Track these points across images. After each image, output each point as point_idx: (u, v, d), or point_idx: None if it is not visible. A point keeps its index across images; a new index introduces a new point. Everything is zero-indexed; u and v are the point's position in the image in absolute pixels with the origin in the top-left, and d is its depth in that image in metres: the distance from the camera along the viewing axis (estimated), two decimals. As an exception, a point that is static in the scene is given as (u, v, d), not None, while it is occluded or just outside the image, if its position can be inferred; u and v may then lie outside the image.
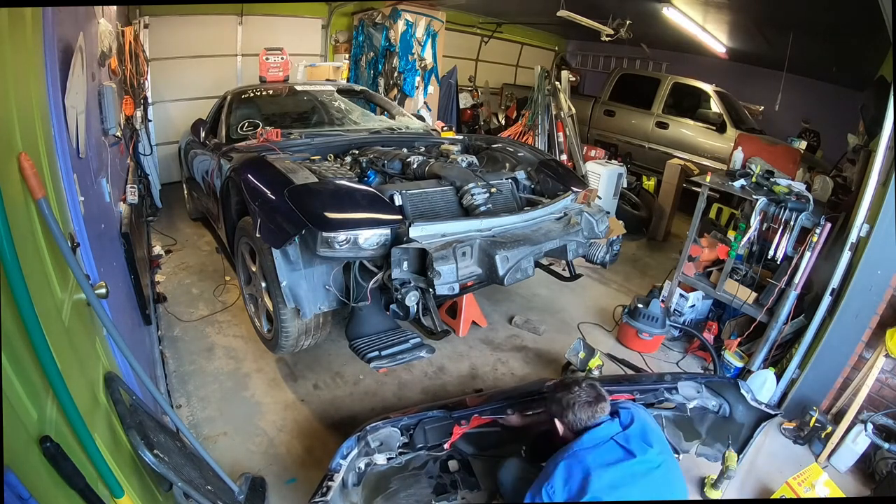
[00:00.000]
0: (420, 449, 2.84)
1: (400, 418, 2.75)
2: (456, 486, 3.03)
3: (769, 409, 3.01)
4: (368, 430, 2.64)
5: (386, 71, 8.44)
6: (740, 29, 7.59)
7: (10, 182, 1.35)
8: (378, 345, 3.41)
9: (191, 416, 3.45)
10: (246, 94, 5.53)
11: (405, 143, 4.78)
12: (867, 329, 3.46)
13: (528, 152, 4.67)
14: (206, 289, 5.08)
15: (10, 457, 1.12)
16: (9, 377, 1.21)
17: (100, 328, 2.08)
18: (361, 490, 2.73)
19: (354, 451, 2.55)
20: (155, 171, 7.11)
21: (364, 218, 3.16)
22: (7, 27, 1.50)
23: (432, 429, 2.81)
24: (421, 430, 2.77)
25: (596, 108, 10.11)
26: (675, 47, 9.75)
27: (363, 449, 2.62)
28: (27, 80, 1.72)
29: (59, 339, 1.54)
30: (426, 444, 2.81)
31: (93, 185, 2.74)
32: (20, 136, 1.52)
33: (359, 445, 2.58)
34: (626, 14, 7.83)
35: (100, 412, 1.82)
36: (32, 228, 1.54)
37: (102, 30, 3.72)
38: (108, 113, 3.42)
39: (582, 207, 3.92)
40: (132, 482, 1.87)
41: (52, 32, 2.08)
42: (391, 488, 2.91)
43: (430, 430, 2.81)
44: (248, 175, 3.62)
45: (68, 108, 2.26)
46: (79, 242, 2.02)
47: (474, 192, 3.66)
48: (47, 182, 1.73)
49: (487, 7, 9.96)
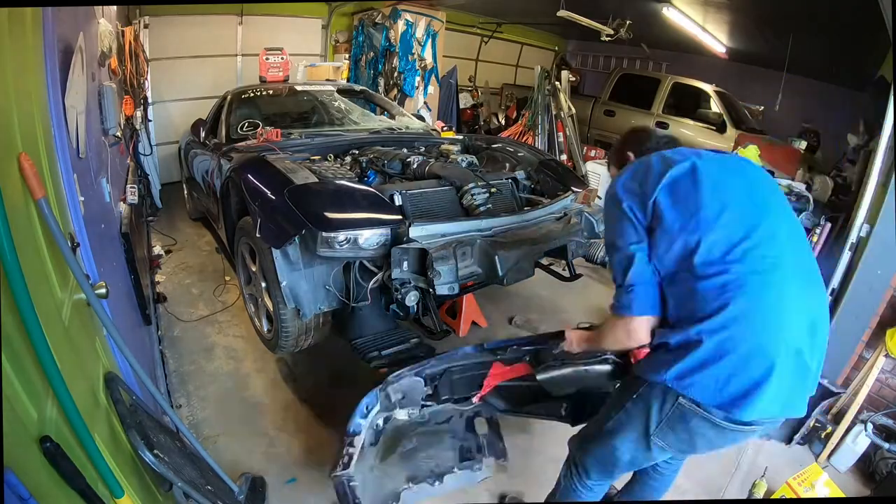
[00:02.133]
0: (445, 401, 2.70)
1: (424, 365, 2.58)
2: (481, 451, 2.79)
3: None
4: (390, 381, 2.49)
5: (386, 71, 8.44)
6: (740, 29, 7.59)
7: (10, 182, 1.35)
8: (378, 344, 3.42)
9: (191, 416, 3.45)
10: (246, 94, 5.52)
11: (405, 143, 4.78)
12: (867, 329, 3.46)
13: (528, 152, 4.67)
14: (206, 289, 5.07)
15: (10, 457, 1.12)
16: (9, 377, 1.21)
17: (100, 328, 2.08)
18: (378, 448, 2.61)
19: (376, 407, 2.43)
20: (155, 171, 7.10)
21: (364, 218, 3.16)
22: (7, 27, 1.50)
23: (460, 379, 2.67)
24: (447, 381, 2.62)
25: (596, 108, 10.12)
26: (675, 47, 9.73)
27: (384, 403, 2.48)
28: (27, 80, 1.73)
29: (59, 339, 1.54)
30: (452, 397, 2.68)
31: (93, 185, 2.74)
32: (20, 137, 1.52)
33: (380, 399, 2.43)
34: (625, 14, 7.83)
35: (100, 412, 1.82)
36: (32, 228, 1.54)
37: (102, 30, 3.73)
38: (109, 113, 3.42)
39: (582, 207, 3.92)
40: (132, 482, 1.86)
41: (52, 32, 2.08)
42: (410, 446, 2.69)
43: (457, 381, 2.66)
44: (248, 175, 3.62)
45: (68, 108, 2.26)
46: (79, 242, 2.02)
47: (474, 192, 3.66)
48: (47, 182, 1.73)
49: (487, 7, 9.94)
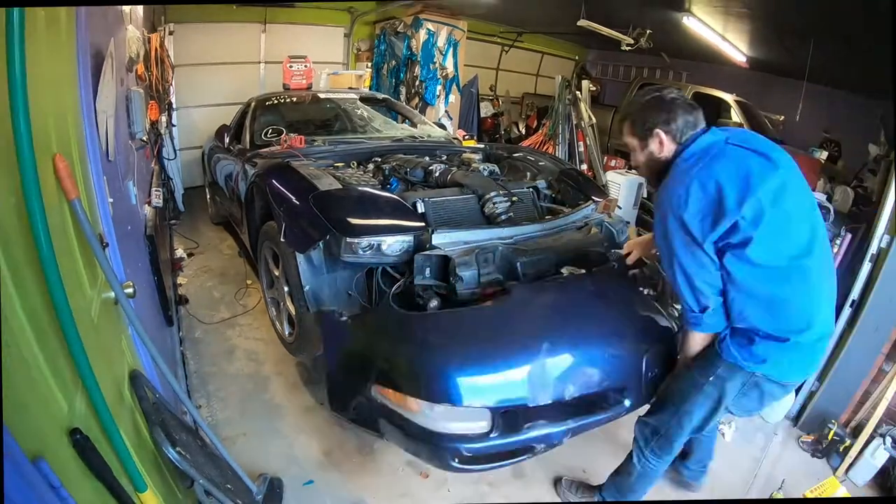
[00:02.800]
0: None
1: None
2: None
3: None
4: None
5: (408, 80, 8.50)
6: (761, 38, 7.54)
7: (45, 182, 1.39)
8: None
9: (210, 416, 3.49)
10: (270, 101, 5.61)
11: (427, 151, 4.80)
12: (887, 341, 3.42)
13: (549, 162, 4.67)
14: (227, 292, 5.13)
15: (42, 446, 1.15)
16: (41, 369, 1.24)
17: (125, 327, 2.12)
18: None
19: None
20: (178, 175, 7.19)
21: (387, 224, 3.18)
22: (44, 33, 1.54)
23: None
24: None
25: (616, 117, 10.05)
26: (696, 56, 9.66)
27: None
28: (62, 84, 1.78)
29: (89, 335, 1.57)
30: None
31: (120, 187, 2.80)
32: (55, 138, 1.56)
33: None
34: (646, 23, 7.80)
35: (125, 408, 1.86)
36: (65, 227, 1.58)
37: (130, 36, 3.80)
38: (136, 117, 3.49)
39: (602, 217, 3.92)
40: (154, 478, 1.90)
41: (85, 38, 2.14)
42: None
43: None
44: (273, 180, 3.66)
45: (99, 112, 2.32)
46: (108, 242, 2.06)
47: (496, 200, 3.67)
48: (80, 183, 1.77)
49: (508, 16, 9.96)
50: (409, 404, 2.50)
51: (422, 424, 2.48)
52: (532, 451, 2.60)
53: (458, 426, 2.48)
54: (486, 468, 2.66)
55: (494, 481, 3.14)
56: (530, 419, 2.52)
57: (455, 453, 2.49)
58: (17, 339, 1.13)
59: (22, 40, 1.15)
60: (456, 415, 2.45)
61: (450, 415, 2.44)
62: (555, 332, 2.63)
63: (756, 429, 3.77)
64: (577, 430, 2.62)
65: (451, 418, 2.45)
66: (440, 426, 2.46)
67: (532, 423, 2.51)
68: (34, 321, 1.21)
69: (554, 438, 2.57)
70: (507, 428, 2.48)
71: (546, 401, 2.49)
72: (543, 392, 2.48)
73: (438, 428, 2.46)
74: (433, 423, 2.46)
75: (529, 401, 2.47)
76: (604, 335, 2.77)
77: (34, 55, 1.30)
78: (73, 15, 1.97)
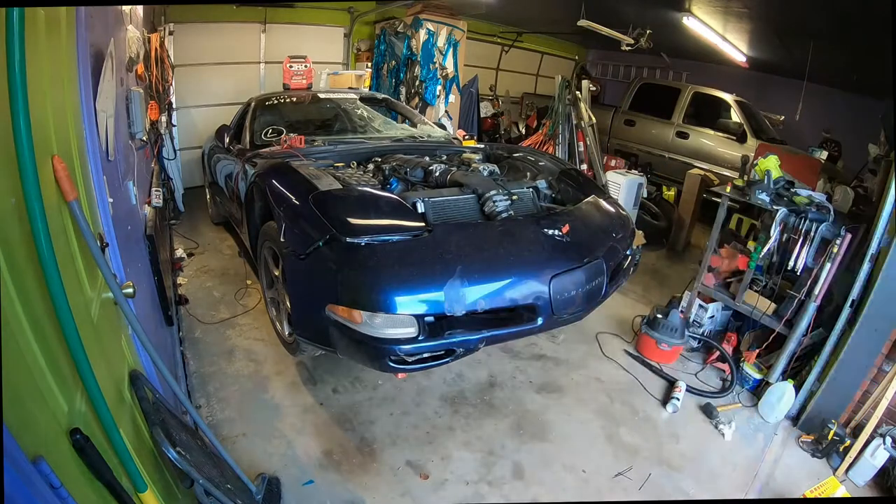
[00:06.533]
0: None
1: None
2: None
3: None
4: None
5: (407, 80, 8.49)
6: (761, 38, 7.55)
7: (45, 183, 1.39)
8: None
9: (210, 416, 3.48)
10: (270, 101, 5.61)
11: (427, 151, 4.81)
12: (887, 341, 3.42)
13: (549, 161, 4.69)
14: (227, 292, 5.13)
15: (42, 446, 1.15)
16: (41, 369, 1.24)
17: (125, 327, 2.12)
18: None
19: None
20: (178, 175, 7.18)
21: (387, 224, 3.21)
22: (44, 33, 1.54)
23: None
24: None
25: (616, 117, 10.12)
26: (696, 56, 9.71)
27: None
28: (62, 84, 1.78)
29: (89, 335, 1.57)
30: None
31: (120, 187, 2.80)
32: (55, 139, 1.56)
33: None
34: (646, 23, 7.82)
35: (124, 408, 1.86)
36: (65, 228, 1.58)
37: (130, 36, 3.80)
38: (136, 117, 3.49)
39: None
40: (153, 478, 1.90)
41: (85, 38, 2.14)
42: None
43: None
44: (272, 180, 3.67)
45: (99, 112, 2.32)
46: (107, 243, 2.06)
47: (496, 199, 3.68)
48: (79, 183, 1.78)
49: (508, 16, 9.98)
50: (354, 316, 2.97)
51: (364, 332, 2.96)
52: (453, 353, 3.14)
53: (393, 332, 2.96)
54: (416, 368, 3.15)
55: (494, 481, 3.15)
56: (452, 328, 3.05)
57: (391, 354, 2.99)
58: (18, 340, 1.14)
59: (22, 40, 1.15)
60: (391, 322, 2.94)
61: (386, 322, 2.93)
62: (466, 259, 3.12)
63: (756, 429, 3.78)
64: (491, 340, 3.23)
65: (386, 325, 2.94)
66: (378, 332, 2.95)
67: (452, 331, 3.05)
68: (34, 322, 1.21)
69: (471, 343, 3.13)
70: (432, 333, 3.01)
71: (461, 312, 3.01)
72: (458, 305, 2.99)
73: (377, 334, 2.95)
74: (373, 330, 2.95)
75: (447, 310, 2.98)
76: (509, 263, 3.23)
77: (34, 55, 1.31)
78: (73, 15, 1.97)
